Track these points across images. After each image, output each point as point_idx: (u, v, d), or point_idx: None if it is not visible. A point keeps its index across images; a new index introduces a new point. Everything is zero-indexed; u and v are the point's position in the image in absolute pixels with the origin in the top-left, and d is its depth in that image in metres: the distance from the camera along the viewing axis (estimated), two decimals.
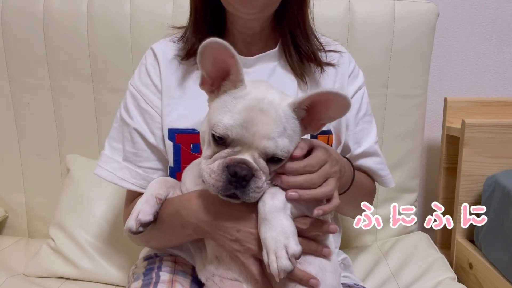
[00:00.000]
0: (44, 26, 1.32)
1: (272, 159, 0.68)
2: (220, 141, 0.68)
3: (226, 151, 0.68)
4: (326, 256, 0.75)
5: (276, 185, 0.71)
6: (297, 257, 0.66)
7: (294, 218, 0.70)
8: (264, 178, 0.68)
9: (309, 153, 0.74)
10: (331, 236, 0.79)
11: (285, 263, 0.64)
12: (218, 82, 0.72)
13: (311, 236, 0.75)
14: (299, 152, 0.71)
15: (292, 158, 0.71)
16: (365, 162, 1.00)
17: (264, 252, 0.67)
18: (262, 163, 0.68)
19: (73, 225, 1.24)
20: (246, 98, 0.68)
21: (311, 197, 0.70)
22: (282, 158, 0.69)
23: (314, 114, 0.73)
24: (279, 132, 0.67)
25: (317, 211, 0.69)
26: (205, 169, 0.69)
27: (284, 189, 0.71)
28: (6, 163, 1.42)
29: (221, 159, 0.67)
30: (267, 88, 0.72)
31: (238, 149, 0.67)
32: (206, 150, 0.71)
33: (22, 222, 1.44)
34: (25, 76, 1.36)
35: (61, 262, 1.21)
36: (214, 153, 0.69)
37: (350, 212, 1.06)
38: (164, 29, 1.03)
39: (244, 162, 0.66)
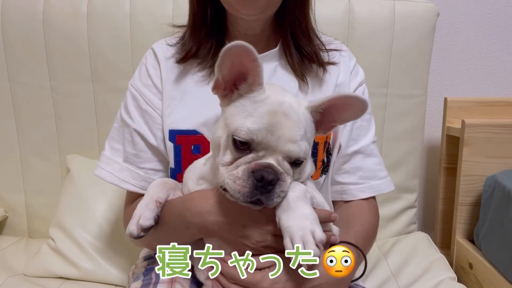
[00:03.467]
0: (44, 26, 1.31)
1: (294, 162, 0.69)
2: (242, 146, 0.67)
3: (250, 156, 0.67)
4: (334, 242, 0.75)
5: None
6: (323, 244, 0.65)
7: None
8: (289, 180, 0.68)
9: None
10: (334, 229, 0.80)
11: (313, 248, 0.63)
12: (231, 86, 0.71)
13: None
14: None
15: None
16: (362, 163, 0.98)
17: (287, 240, 0.65)
18: (286, 165, 0.68)
19: (73, 225, 1.24)
20: (267, 102, 0.68)
21: None
22: (303, 161, 0.70)
23: (327, 117, 0.73)
24: (301, 135, 0.67)
25: None
26: (227, 176, 0.67)
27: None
28: (6, 163, 1.42)
29: (245, 165, 0.66)
30: (283, 91, 0.72)
31: (262, 153, 0.67)
32: (224, 156, 0.69)
33: (22, 222, 1.44)
34: (25, 76, 1.36)
35: (61, 262, 1.21)
36: (235, 159, 0.68)
37: None
38: (164, 28, 1.02)
39: (270, 167, 0.65)
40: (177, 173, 0.91)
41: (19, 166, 1.42)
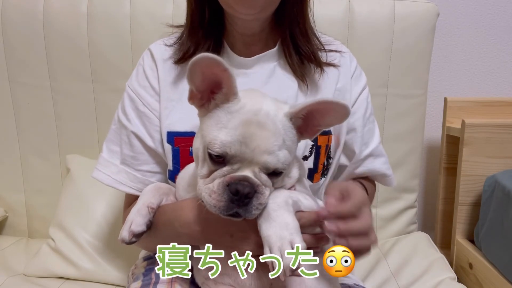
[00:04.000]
0: (44, 26, 1.31)
1: (272, 173, 0.67)
2: (218, 159, 0.65)
3: (225, 169, 0.65)
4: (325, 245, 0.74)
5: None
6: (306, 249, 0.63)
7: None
8: (267, 193, 0.66)
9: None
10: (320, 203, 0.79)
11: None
12: (207, 95, 0.69)
13: (308, 232, 0.73)
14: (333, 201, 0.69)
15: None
16: (373, 165, 0.99)
17: (266, 250, 0.64)
18: (264, 177, 0.66)
19: (73, 225, 1.24)
20: (241, 111, 0.66)
21: (349, 231, 0.67)
22: (283, 171, 0.67)
23: (311, 121, 0.71)
24: (279, 145, 0.65)
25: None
26: (204, 189, 0.66)
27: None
28: (6, 163, 1.42)
29: (220, 178, 0.65)
30: (261, 98, 0.70)
31: (238, 166, 0.65)
32: (201, 168, 0.67)
33: (22, 222, 1.44)
34: (25, 76, 1.36)
35: (61, 262, 1.21)
36: (211, 172, 0.66)
37: None
38: (164, 28, 1.02)
39: (245, 179, 0.63)
40: (175, 175, 0.89)
41: (19, 166, 1.42)
